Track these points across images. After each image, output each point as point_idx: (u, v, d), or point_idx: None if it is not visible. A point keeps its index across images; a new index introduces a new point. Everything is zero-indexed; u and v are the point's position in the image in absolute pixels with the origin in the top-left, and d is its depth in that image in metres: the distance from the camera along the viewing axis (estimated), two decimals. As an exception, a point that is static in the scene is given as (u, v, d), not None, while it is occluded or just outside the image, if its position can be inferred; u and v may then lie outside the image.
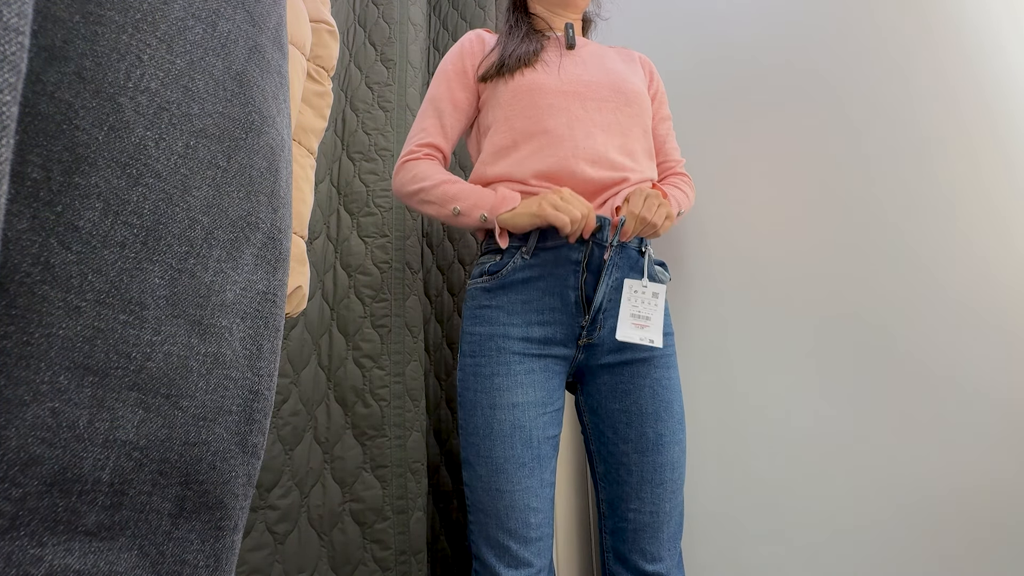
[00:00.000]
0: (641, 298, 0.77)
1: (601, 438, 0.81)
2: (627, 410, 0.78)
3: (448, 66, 0.92)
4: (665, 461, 0.76)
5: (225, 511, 0.28)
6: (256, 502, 0.88)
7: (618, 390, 0.79)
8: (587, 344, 0.79)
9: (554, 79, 0.84)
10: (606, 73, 0.88)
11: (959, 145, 0.76)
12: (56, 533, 0.22)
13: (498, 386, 0.75)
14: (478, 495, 0.75)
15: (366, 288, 1.05)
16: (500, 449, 0.73)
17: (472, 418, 0.76)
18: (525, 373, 0.76)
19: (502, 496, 0.72)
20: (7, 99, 0.17)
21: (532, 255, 0.79)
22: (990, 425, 0.70)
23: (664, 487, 0.75)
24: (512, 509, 0.72)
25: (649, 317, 0.77)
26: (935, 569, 0.73)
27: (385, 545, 0.94)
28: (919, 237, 0.79)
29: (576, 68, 0.87)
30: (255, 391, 0.29)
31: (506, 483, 0.72)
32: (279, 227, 0.32)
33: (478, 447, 0.75)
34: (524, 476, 0.73)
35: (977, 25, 0.77)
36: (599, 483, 0.82)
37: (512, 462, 0.73)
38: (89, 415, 0.22)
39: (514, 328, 0.77)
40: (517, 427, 0.74)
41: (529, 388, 0.76)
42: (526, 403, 0.75)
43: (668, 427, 0.77)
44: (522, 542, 0.72)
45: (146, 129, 0.24)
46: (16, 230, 0.21)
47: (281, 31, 0.33)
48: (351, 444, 0.98)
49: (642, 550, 0.75)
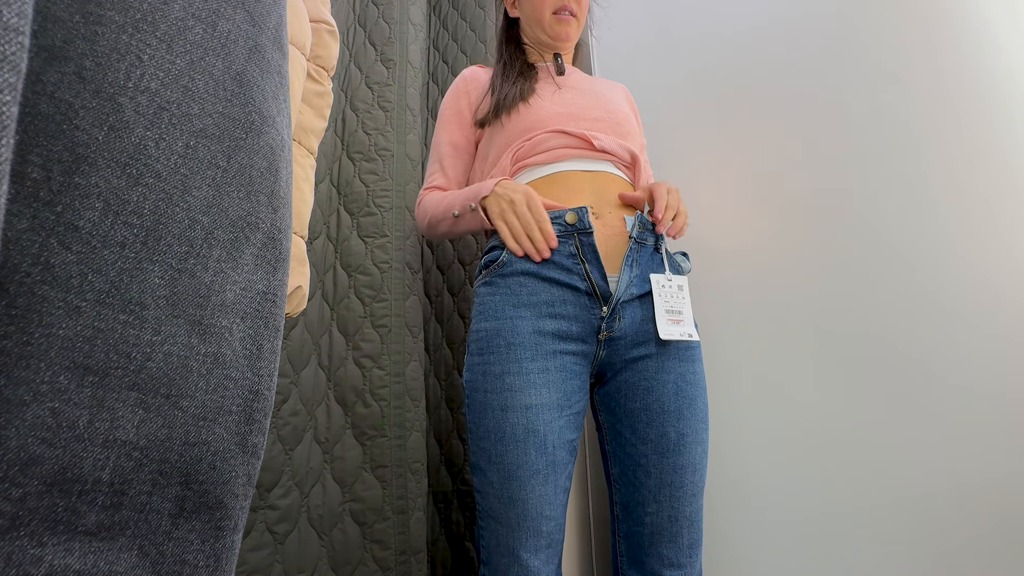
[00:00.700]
0: (670, 292, 0.75)
1: (618, 438, 0.76)
2: (648, 408, 0.73)
3: (446, 111, 0.98)
4: (686, 463, 0.72)
5: (225, 511, 0.28)
6: (256, 502, 0.88)
7: (640, 388, 0.75)
8: (608, 338, 0.75)
9: (548, 106, 0.88)
10: (596, 97, 0.92)
11: (957, 146, 0.76)
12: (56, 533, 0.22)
13: (509, 386, 0.70)
14: (489, 502, 0.71)
15: (366, 288, 1.05)
16: (513, 455, 0.69)
17: (483, 421, 0.72)
18: (539, 372, 0.71)
19: (514, 504, 0.69)
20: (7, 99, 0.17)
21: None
22: (989, 424, 0.70)
23: (684, 490, 0.71)
24: (525, 519, 0.69)
25: (681, 311, 0.74)
26: (935, 566, 0.73)
27: (385, 545, 0.94)
28: (918, 237, 0.79)
29: (568, 93, 0.91)
30: (255, 391, 0.29)
31: (519, 491, 0.69)
32: (279, 227, 0.32)
33: (489, 452, 0.70)
34: (538, 484, 0.69)
35: (975, 25, 0.77)
36: (613, 485, 0.78)
37: (525, 469, 0.69)
38: (89, 415, 0.22)
39: (522, 321, 0.73)
40: (531, 431, 0.69)
41: (543, 388, 0.71)
42: (540, 405, 0.70)
43: (691, 426, 0.73)
44: (533, 551, 0.69)
45: (146, 129, 0.24)
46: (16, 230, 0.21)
47: (281, 31, 0.33)
48: (351, 444, 0.98)
49: (660, 555, 0.71)
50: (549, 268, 0.75)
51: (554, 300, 0.74)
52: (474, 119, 0.95)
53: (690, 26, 1.22)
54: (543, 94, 0.90)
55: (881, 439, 0.80)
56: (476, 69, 1.01)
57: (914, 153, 0.81)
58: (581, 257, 0.74)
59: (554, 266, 0.75)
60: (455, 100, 0.97)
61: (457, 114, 0.96)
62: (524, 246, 0.74)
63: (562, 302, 0.74)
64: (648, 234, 0.80)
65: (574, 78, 0.96)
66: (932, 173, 0.79)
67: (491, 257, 0.80)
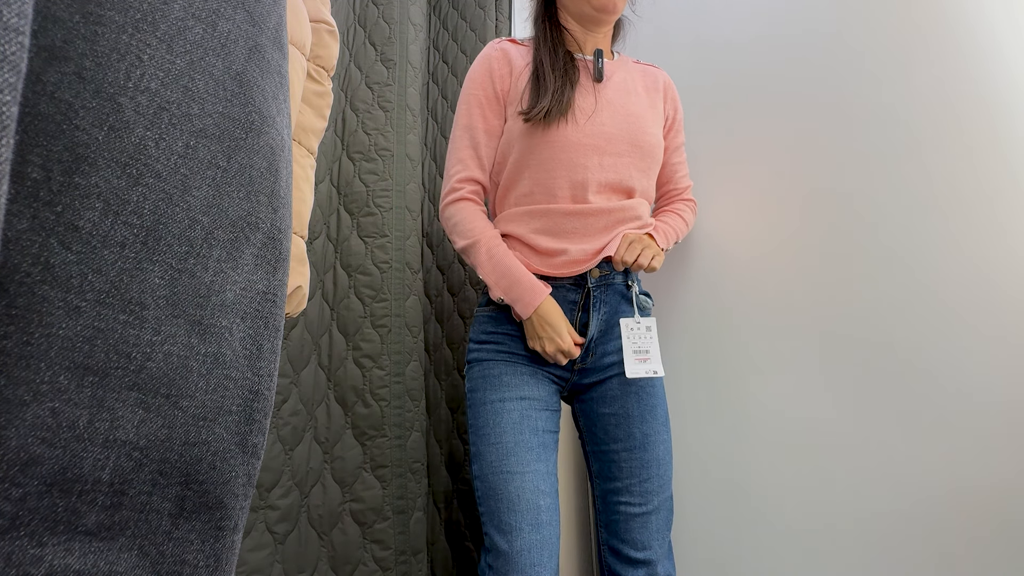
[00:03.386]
0: (637, 334, 0.85)
1: (594, 439, 0.87)
2: (616, 413, 0.85)
3: (479, 91, 0.91)
4: (652, 458, 0.82)
5: (225, 511, 0.28)
6: (256, 502, 0.88)
7: (607, 397, 0.86)
8: (581, 368, 0.87)
9: (579, 136, 0.85)
10: (628, 123, 0.88)
11: (957, 146, 0.76)
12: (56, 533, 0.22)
13: (507, 383, 0.83)
14: (488, 481, 0.78)
15: (366, 288, 1.05)
16: (511, 434, 0.79)
17: (482, 413, 0.82)
18: (531, 375, 0.84)
19: (513, 478, 0.76)
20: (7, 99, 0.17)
21: None
22: (989, 425, 0.70)
23: (651, 482, 0.81)
24: (523, 490, 0.75)
25: (648, 350, 0.84)
26: (934, 568, 0.73)
27: (385, 545, 0.94)
28: (918, 237, 0.79)
29: (601, 114, 0.87)
30: (255, 391, 0.29)
31: (516, 464, 0.77)
32: (279, 227, 0.32)
33: (488, 436, 0.80)
34: (533, 460, 0.78)
35: (975, 26, 0.77)
36: (594, 480, 0.88)
37: (522, 446, 0.78)
38: (89, 415, 0.22)
39: (519, 346, 0.86)
40: (526, 416, 0.80)
41: (534, 387, 0.84)
42: (532, 398, 0.82)
43: (653, 428, 0.84)
44: (534, 525, 0.74)
45: (146, 129, 0.24)
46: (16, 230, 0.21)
47: (281, 31, 0.33)
48: (351, 444, 0.98)
49: (632, 540, 0.80)
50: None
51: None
52: (507, 104, 0.90)
53: (691, 30, 1.22)
54: (580, 111, 0.86)
55: (883, 441, 0.80)
56: (507, 45, 0.94)
57: (915, 155, 0.81)
58: (580, 307, 0.85)
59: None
60: (488, 81, 0.91)
61: (493, 99, 0.90)
62: (554, 360, 0.83)
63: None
64: (616, 273, 0.87)
65: (611, 86, 0.91)
66: (933, 174, 0.79)
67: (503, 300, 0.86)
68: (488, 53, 0.93)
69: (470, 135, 0.90)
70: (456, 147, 0.91)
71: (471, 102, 0.91)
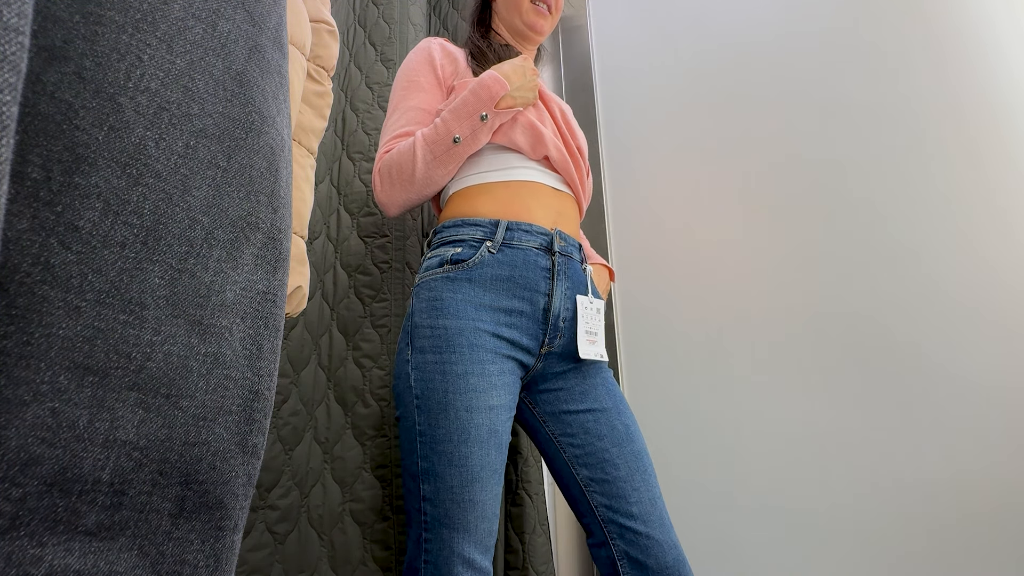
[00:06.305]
0: (591, 314, 0.79)
1: (573, 440, 0.77)
2: (591, 409, 0.78)
3: (419, 77, 0.88)
4: (640, 449, 0.77)
5: (225, 511, 0.28)
6: (256, 502, 0.88)
7: (576, 392, 0.79)
8: (547, 352, 0.78)
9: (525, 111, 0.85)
10: (563, 116, 0.90)
11: (959, 144, 0.76)
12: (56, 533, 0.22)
13: (473, 387, 0.70)
14: (445, 508, 0.67)
15: (366, 288, 1.05)
16: (478, 456, 0.68)
17: (443, 421, 0.69)
18: (498, 375, 0.72)
19: (475, 507, 0.67)
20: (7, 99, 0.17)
21: (499, 251, 0.77)
22: (989, 422, 0.70)
23: (648, 473, 0.75)
24: (482, 520, 0.68)
25: (596, 332, 0.79)
26: (933, 565, 0.73)
27: (385, 545, 0.94)
28: (919, 235, 0.79)
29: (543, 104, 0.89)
30: (255, 391, 0.29)
31: (480, 492, 0.67)
32: (279, 227, 0.32)
33: (451, 455, 0.68)
34: (495, 484, 0.69)
35: (977, 26, 0.77)
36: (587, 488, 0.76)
37: (487, 469, 0.69)
38: (89, 415, 0.22)
39: (483, 323, 0.73)
40: (493, 432, 0.70)
41: (502, 391, 0.72)
42: (500, 407, 0.71)
43: (629, 418, 0.79)
44: (484, 551, 0.68)
45: (146, 129, 0.24)
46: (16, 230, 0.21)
47: (281, 31, 0.33)
48: (351, 444, 0.98)
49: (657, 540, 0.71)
50: (519, 279, 0.76)
51: (514, 310, 0.76)
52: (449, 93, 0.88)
53: (688, 26, 1.22)
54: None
55: (883, 437, 0.80)
56: (445, 43, 0.94)
57: (916, 152, 0.81)
58: (553, 275, 0.77)
59: (527, 278, 0.76)
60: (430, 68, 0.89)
61: (434, 84, 0.88)
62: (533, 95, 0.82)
63: (520, 313, 0.76)
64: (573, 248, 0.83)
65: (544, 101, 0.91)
66: (935, 172, 0.79)
67: (460, 255, 0.77)
68: (427, 46, 0.92)
69: (404, 115, 0.86)
70: (386, 129, 0.87)
71: (409, 88, 0.88)
